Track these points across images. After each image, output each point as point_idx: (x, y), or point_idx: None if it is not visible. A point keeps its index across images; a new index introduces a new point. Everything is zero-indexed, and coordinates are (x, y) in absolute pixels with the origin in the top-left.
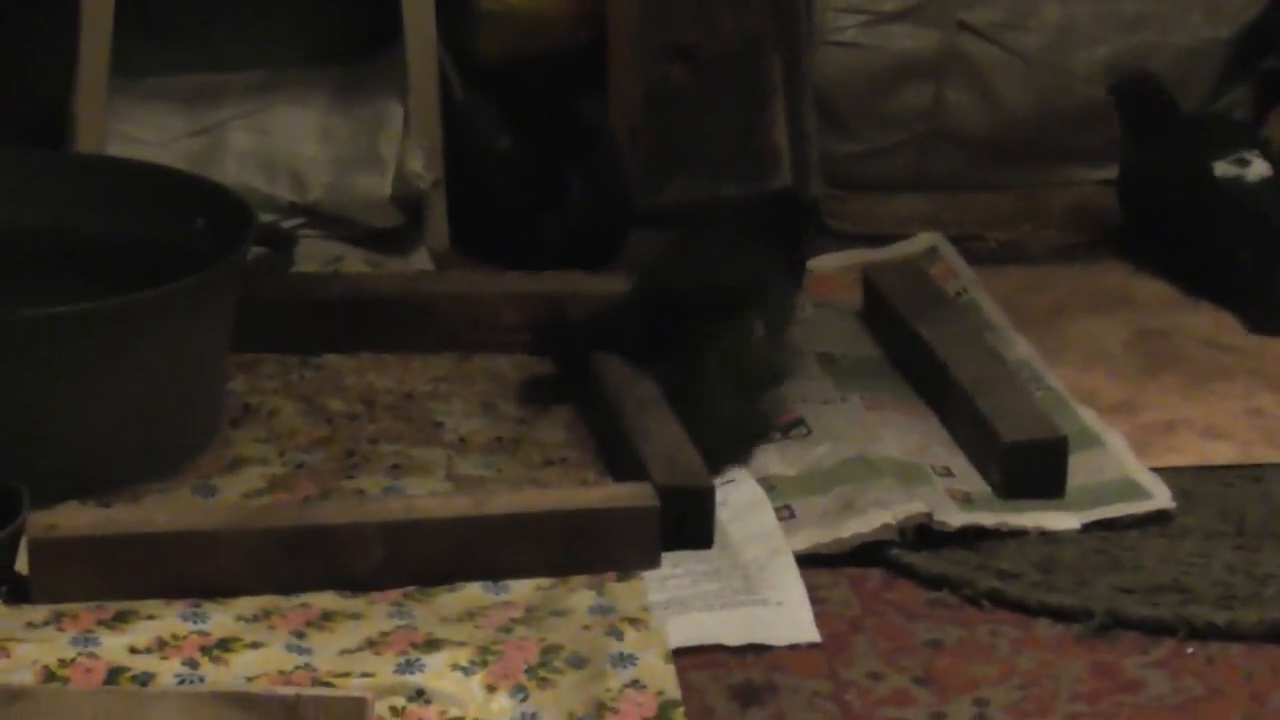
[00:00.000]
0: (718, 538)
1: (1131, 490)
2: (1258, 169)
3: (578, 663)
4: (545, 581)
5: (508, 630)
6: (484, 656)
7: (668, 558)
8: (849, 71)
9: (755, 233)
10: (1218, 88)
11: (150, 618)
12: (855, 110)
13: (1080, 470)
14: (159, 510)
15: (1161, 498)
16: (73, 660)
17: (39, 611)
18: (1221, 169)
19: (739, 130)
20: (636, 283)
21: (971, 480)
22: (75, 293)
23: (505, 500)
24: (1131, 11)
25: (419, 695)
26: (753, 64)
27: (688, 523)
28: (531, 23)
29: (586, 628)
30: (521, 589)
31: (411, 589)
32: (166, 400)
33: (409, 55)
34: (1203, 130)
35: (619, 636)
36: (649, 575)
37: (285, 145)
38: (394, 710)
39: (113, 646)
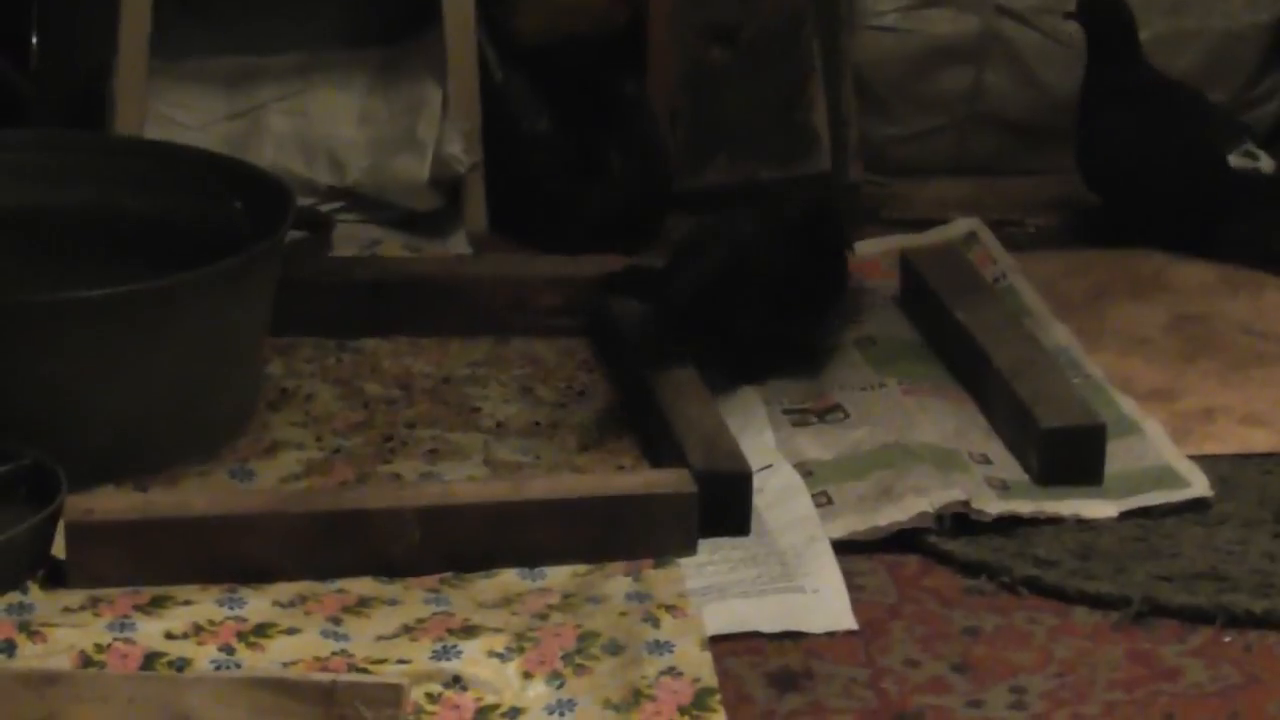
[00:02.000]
0: (755, 524)
1: (1169, 478)
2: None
3: (614, 649)
4: (582, 568)
5: (544, 617)
6: (520, 643)
7: (704, 544)
8: (889, 56)
9: (795, 226)
10: (1257, 73)
11: (187, 603)
12: (895, 94)
13: (1118, 457)
14: (196, 494)
15: (1199, 485)
16: (109, 645)
17: (75, 596)
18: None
19: (778, 112)
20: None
21: (1009, 467)
22: (112, 274)
23: (542, 485)
24: None
25: (455, 681)
26: (793, 45)
27: (725, 509)
28: (570, 3)
29: (623, 614)
30: (558, 575)
31: (448, 575)
32: (204, 383)
33: (447, 37)
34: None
35: (655, 623)
36: (686, 562)
37: (323, 128)
38: (430, 696)
39: (149, 632)
